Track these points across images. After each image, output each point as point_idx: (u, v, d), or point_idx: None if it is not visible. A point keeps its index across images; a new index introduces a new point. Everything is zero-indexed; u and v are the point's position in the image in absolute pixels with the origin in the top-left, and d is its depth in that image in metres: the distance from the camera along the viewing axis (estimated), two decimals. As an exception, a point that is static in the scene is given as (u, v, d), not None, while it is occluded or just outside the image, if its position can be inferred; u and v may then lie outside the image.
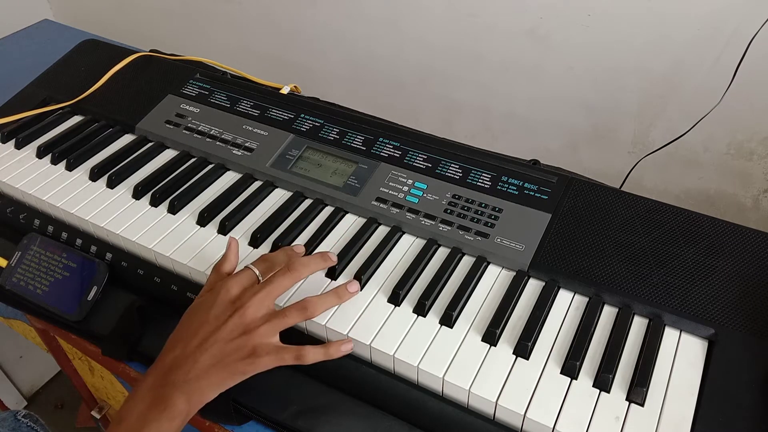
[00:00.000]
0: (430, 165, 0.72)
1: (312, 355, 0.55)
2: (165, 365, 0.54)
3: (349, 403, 0.58)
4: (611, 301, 0.60)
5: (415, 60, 1.24)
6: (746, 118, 0.97)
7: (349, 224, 0.69)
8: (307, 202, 0.72)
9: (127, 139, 0.83)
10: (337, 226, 0.69)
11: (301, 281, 0.62)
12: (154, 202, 0.72)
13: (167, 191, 0.73)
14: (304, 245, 0.65)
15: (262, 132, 0.79)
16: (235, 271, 0.60)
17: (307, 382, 0.59)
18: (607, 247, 0.62)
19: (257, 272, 0.58)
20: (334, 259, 0.63)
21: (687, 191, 1.10)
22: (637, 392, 0.52)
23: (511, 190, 0.68)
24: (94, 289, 0.67)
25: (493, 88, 1.18)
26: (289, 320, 0.56)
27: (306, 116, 0.80)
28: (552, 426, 0.51)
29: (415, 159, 0.73)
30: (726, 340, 0.55)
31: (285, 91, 0.88)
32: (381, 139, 0.75)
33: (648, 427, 0.50)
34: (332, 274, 0.63)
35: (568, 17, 1.02)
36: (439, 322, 0.58)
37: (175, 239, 0.68)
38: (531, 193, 0.67)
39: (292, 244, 0.66)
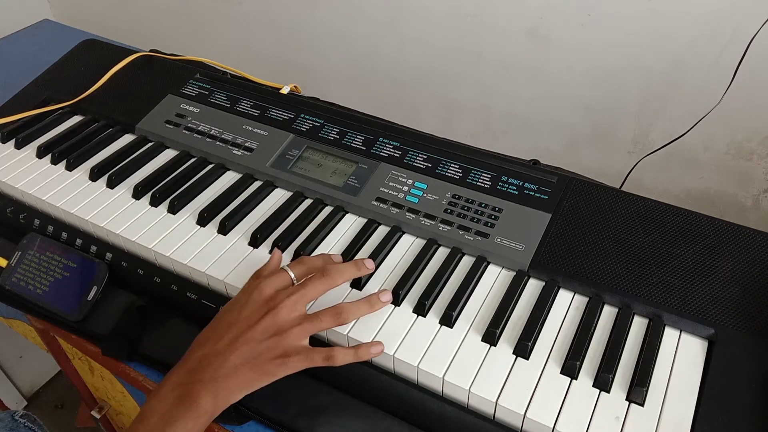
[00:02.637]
0: (430, 165, 0.72)
1: (342, 356, 0.55)
2: (192, 363, 0.53)
3: (349, 403, 0.58)
4: (611, 301, 0.60)
5: (415, 60, 1.24)
6: (746, 118, 0.97)
7: (349, 224, 0.69)
8: (307, 202, 0.72)
9: (127, 139, 0.83)
10: (337, 226, 0.69)
11: None
12: (154, 202, 0.72)
13: (167, 191, 0.73)
14: (303, 244, 0.65)
15: (262, 132, 0.79)
16: None
17: (307, 382, 0.59)
18: (607, 247, 0.62)
19: (292, 275, 0.58)
20: (371, 266, 0.61)
21: (687, 191, 1.10)
22: (637, 392, 0.52)
23: (511, 190, 0.68)
24: (94, 289, 0.67)
25: (493, 88, 1.18)
26: (322, 324, 0.55)
27: (306, 116, 0.80)
28: (552, 426, 0.51)
29: (415, 159, 0.73)
30: (726, 340, 0.55)
31: (285, 91, 0.88)
32: (381, 139, 0.75)
33: (648, 427, 0.50)
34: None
35: (568, 17, 1.02)
36: (439, 322, 0.58)
37: (175, 239, 0.68)
38: (531, 193, 0.67)
39: (330, 253, 0.64)
